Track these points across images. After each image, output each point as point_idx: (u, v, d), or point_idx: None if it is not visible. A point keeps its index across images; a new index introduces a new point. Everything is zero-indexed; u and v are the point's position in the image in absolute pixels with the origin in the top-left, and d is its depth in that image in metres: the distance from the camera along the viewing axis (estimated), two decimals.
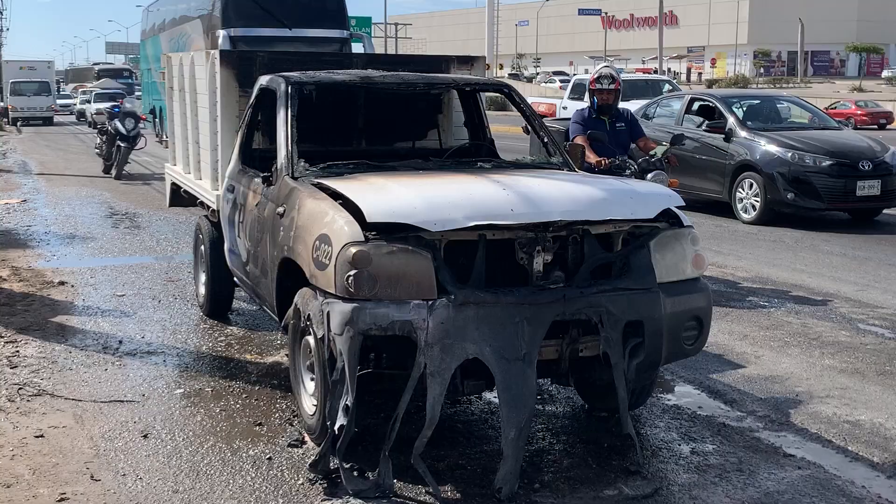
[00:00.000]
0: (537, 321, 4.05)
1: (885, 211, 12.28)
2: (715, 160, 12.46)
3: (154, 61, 24.74)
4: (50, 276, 8.50)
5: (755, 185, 11.91)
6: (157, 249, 10.13)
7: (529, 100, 8.55)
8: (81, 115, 43.34)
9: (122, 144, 17.71)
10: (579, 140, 7.41)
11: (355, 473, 4.14)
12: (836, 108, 37.70)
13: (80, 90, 52.45)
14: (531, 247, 4.21)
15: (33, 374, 5.69)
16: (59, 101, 50.12)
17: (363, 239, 4.03)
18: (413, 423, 4.28)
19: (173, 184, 8.37)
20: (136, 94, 39.58)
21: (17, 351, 6.15)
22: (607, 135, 7.59)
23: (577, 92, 19.58)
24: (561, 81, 54.75)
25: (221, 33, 15.43)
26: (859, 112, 36.93)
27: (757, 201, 11.92)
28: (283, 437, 4.69)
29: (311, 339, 4.37)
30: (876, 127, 34.79)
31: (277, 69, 6.04)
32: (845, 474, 4.38)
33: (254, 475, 4.25)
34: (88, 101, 39.47)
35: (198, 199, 7.39)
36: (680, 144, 8.49)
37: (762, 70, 74.08)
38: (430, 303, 3.95)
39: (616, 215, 4.41)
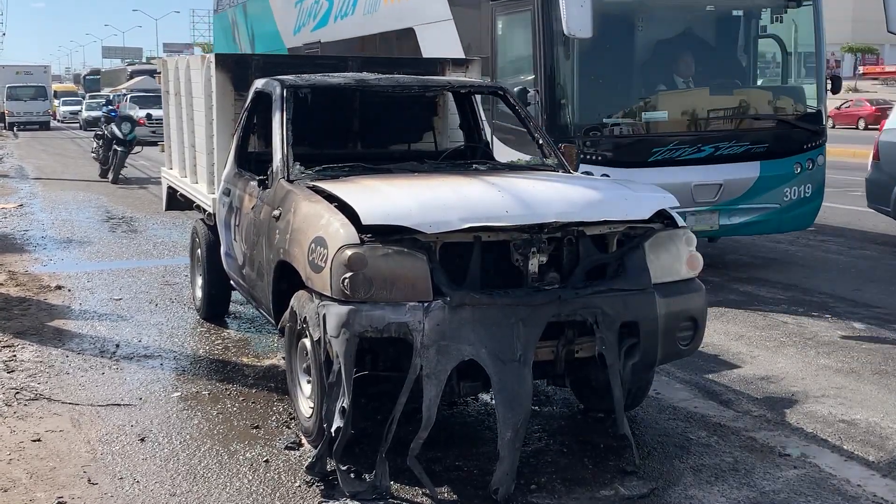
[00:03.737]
0: (533, 322, 4.06)
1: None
2: None
3: (248, 41, 17.80)
4: (47, 281, 8.50)
5: None
6: (153, 253, 10.13)
7: None
8: (94, 123, 32.04)
9: (119, 148, 17.72)
10: None
11: (352, 475, 4.14)
12: (847, 108, 35.82)
13: (88, 94, 48.92)
14: (526, 248, 4.21)
15: (30, 378, 5.69)
16: (65, 108, 46.52)
17: (358, 241, 4.04)
18: (409, 424, 4.28)
19: (170, 188, 8.38)
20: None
21: (14, 355, 6.15)
22: None
23: None
24: None
25: None
26: (873, 109, 35.20)
27: None
28: (279, 439, 4.70)
29: (307, 342, 4.38)
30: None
31: (272, 72, 6.06)
32: (841, 473, 4.38)
33: (251, 478, 4.26)
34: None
35: (194, 202, 7.41)
36: None
37: None
38: (425, 305, 3.96)
39: (611, 216, 4.42)
